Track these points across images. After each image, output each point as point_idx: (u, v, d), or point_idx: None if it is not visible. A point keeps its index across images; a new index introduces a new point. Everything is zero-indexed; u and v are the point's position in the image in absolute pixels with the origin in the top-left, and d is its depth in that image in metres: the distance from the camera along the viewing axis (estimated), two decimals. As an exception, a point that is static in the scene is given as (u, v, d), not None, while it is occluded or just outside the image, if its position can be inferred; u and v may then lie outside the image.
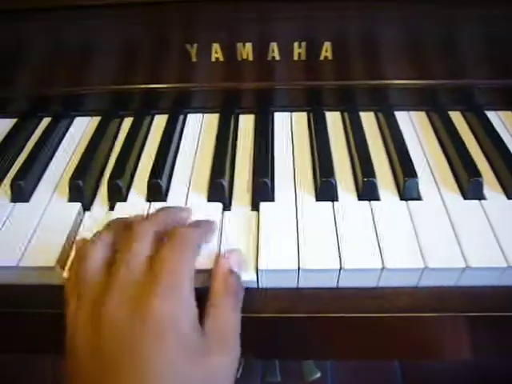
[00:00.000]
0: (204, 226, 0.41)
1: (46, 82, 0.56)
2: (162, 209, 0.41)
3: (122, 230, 0.38)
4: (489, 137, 0.51)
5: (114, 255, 0.35)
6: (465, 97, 0.56)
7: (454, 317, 0.40)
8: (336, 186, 0.46)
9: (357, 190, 0.46)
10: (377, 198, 0.45)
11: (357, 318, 0.40)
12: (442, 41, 0.52)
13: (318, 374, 1.09)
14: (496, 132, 0.52)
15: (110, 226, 0.39)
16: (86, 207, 0.47)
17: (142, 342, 0.31)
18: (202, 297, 0.35)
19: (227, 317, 0.36)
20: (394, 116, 0.55)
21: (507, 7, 0.50)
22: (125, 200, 0.47)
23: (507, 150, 0.49)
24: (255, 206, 0.45)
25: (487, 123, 0.54)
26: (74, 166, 0.50)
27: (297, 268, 0.39)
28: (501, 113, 0.57)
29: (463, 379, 1.09)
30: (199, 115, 0.58)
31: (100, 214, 0.46)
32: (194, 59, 0.53)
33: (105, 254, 0.36)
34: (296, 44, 0.51)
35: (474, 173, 0.46)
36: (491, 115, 0.56)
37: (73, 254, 0.41)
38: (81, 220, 0.45)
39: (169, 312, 0.32)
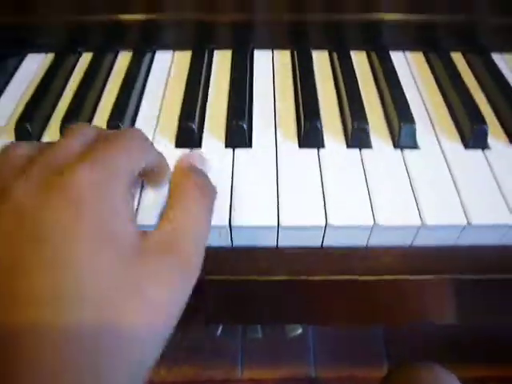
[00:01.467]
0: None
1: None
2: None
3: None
4: (493, 80, 0.46)
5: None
6: (467, 36, 0.50)
7: (452, 279, 0.36)
8: (322, 132, 0.40)
9: (345, 136, 0.41)
10: (368, 146, 0.40)
11: (343, 281, 0.36)
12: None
13: (300, 330, 1.08)
14: (502, 75, 0.47)
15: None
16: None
17: (54, 224, 0.23)
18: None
19: (186, 215, 0.28)
20: (388, 56, 0.49)
21: None
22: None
23: (513, 94, 0.44)
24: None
25: (492, 66, 0.48)
26: (21, 108, 0.43)
27: (276, 225, 0.34)
28: (507, 55, 0.51)
29: (447, 344, 1.08)
30: (169, 53, 0.51)
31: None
32: (161, -16, 0.45)
33: (29, 152, 0.27)
34: (279, -33, 0.44)
35: (478, 119, 0.41)
36: (496, 58, 0.50)
37: None
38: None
39: (93, 188, 0.24)
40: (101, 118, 0.43)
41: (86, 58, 0.50)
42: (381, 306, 0.40)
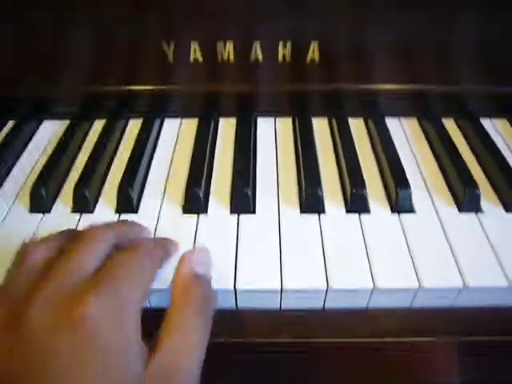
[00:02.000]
0: (166, 245, 0.36)
1: (13, 83, 0.52)
2: (123, 221, 0.37)
3: (74, 236, 0.32)
4: (484, 146, 0.48)
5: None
6: (458, 103, 0.53)
7: (449, 341, 0.37)
8: (323, 198, 0.42)
9: (345, 201, 0.43)
10: (367, 211, 0.42)
11: (344, 343, 0.37)
12: (433, 45, 0.49)
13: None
14: (492, 140, 0.49)
15: (61, 232, 0.34)
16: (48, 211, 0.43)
17: (62, 355, 0.24)
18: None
19: (184, 351, 0.29)
20: (384, 123, 0.51)
21: (502, 12, 0.48)
22: (92, 211, 0.42)
23: (504, 159, 0.46)
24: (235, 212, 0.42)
25: (482, 131, 0.51)
26: (38, 172, 0.45)
27: (279, 288, 0.35)
28: (495, 121, 0.54)
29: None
30: (177, 120, 0.54)
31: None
32: (170, 60, 0.49)
33: (47, 254, 0.29)
34: (281, 44, 0.47)
35: (471, 184, 0.43)
36: (485, 123, 0.53)
37: None
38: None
39: (106, 323, 0.25)
40: (112, 183, 0.45)
41: (99, 124, 0.53)
42: (380, 368, 0.41)
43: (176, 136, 0.52)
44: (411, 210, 0.42)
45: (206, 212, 0.42)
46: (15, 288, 0.28)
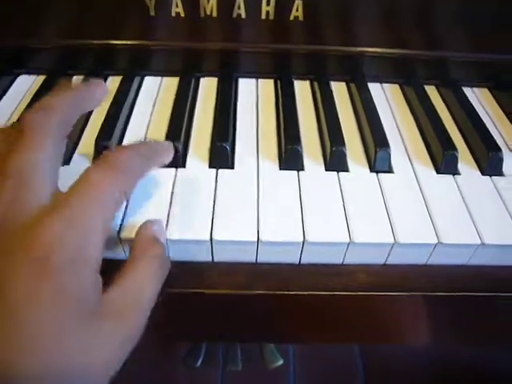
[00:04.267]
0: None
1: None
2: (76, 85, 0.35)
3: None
4: (464, 111, 0.49)
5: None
6: (440, 70, 0.53)
7: (421, 296, 0.37)
8: (302, 155, 0.42)
9: (324, 159, 0.43)
10: (345, 170, 0.42)
11: (319, 297, 0.37)
12: (419, 8, 0.49)
13: (281, 361, 1.07)
14: (472, 106, 0.49)
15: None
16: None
17: (16, 281, 0.23)
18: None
19: (144, 286, 0.29)
20: (366, 87, 0.51)
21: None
22: (68, 163, 0.41)
23: (483, 125, 0.47)
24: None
25: (463, 98, 0.51)
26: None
27: (256, 240, 0.35)
28: (476, 89, 0.54)
29: (424, 368, 1.09)
30: (157, 78, 0.53)
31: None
32: (152, 13, 0.47)
33: None
34: (264, 0, 0.46)
35: (449, 146, 0.43)
36: (467, 91, 0.53)
37: None
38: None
39: (62, 248, 0.24)
40: (89, 137, 0.44)
41: (76, 81, 0.52)
42: (356, 324, 0.41)
43: (156, 93, 0.51)
44: (390, 170, 0.42)
45: (185, 166, 0.41)
46: None
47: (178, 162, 0.41)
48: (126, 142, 0.44)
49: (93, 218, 0.26)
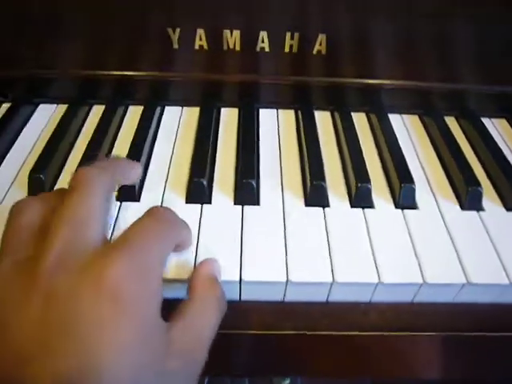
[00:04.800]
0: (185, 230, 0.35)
1: (9, 63, 0.50)
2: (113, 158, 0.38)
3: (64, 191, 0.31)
4: (486, 145, 0.49)
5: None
6: (459, 102, 0.54)
7: (453, 336, 0.37)
8: (327, 191, 0.42)
9: (349, 196, 0.43)
10: (371, 206, 0.42)
11: (346, 336, 0.37)
12: (437, 42, 0.49)
13: (288, 381, 1.06)
14: (493, 140, 0.50)
15: (51, 192, 0.33)
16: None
17: (88, 317, 0.23)
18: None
19: (204, 322, 0.29)
20: (387, 118, 0.51)
21: (503, 9, 0.48)
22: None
23: (505, 159, 0.47)
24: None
25: (483, 130, 0.51)
26: (35, 157, 0.44)
27: (285, 280, 0.35)
28: (495, 120, 0.55)
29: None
30: (178, 108, 0.53)
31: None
32: (175, 46, 0.48)
33: (42, 212, 0.28)
34: (288, 34, 0.47)
35: (473, 182, 0.43)
36: (486, 122, 0.53)
37: None
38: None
39: (130, 284, 0.25)
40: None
41: (98, 110, 0.52)
42: (371, 360, 0.41)
43: (177, 124, 0.51)
44: (414, 205, 0.42)
45: (210, 202, 0.41)
46: (15, 242, 0.27)
47: (204, 198, 0.41)
48: (148, 176, 0.44)
49: (156, 256, 0.28)
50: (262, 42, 0.47)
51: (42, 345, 0.23)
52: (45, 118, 0.52)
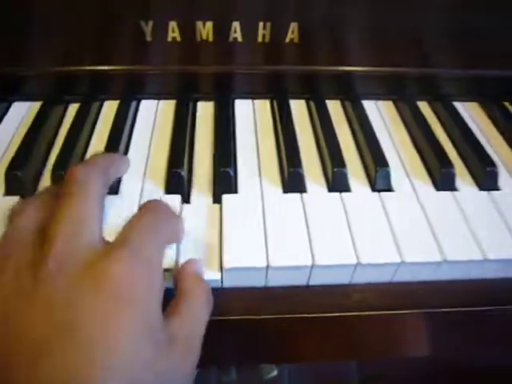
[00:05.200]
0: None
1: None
2: (103, 154, 0.38)
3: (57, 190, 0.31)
4: (458, 127, 0.50)
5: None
6: (431, 86, 0.55)
7: (428, 313, 0.38)
8: (304, 177, 0.43)
9: (326, 181, 0.43)
10: (347, 190, 0.43)
11: (327, 318, 0.38)
12: (409, 28, 0.50)
13: (275, 372, 1.06)
14: (465, 122, 0.51)
15: (41, 191, 0.33)
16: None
17: (91, 316, 0.23)
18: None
19: (198, 316, 0.30)
20: (361, 105, 0.52)
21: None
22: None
23: (477, 141, 0.48)
24: (217, 199, 0.41)
25: (455, 114, 0.52)
26: (11, 156, 0.44)
27: (265, 265, 0.36)
28: (466, 104, 0.56)
29: (416, 368, 1.10)
30: (153, 101, 0.53)
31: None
32: (148, 38, 0.48)
33: (37, 214, 0.28)
34: (261, 24, 0.47)
35: (446, 163, 0.44)
36: (457, 106, 0.54)
37: None
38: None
39: (132, 281, 0.25)
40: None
41: (72, 107, 0.52)
42: (359, 341, 0.42)
43: (153, 117, 0.51)
44: (390, 188, 0.43)
45: (189, 193, 0.41)
46: (14, 246, 0.27)
47: (183, 188, 0.41)
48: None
49: (155, 251, 0.28)
50: (235, 32, 0.47)
51: (47, 347, 0.23)
52: (19, 115, 0.51)
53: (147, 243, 0.28)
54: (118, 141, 0.46)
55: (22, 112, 0.52)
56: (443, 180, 0.43)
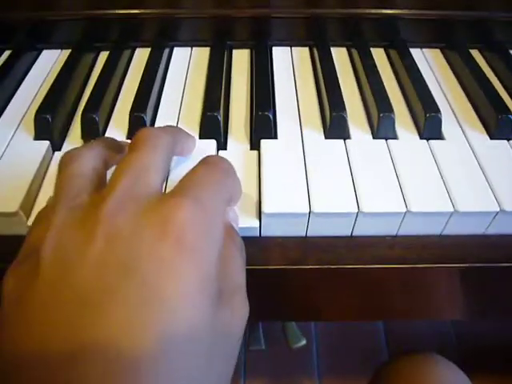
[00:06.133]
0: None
1: (6, 5, 0.48)
2: (174, 128, 0.35)
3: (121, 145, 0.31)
4: (512, 74, 0.46)
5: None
6: (483, 32, 0.50)
7: (484, 268, 0.35)
8: (347, 122, 0.40)
9: (371, 127, 0.41)
10: (394, 137, 0.40)
11: (372, 270, 0.35)
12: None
13: (304, 341, 1.06)
14: (521, 69, 0.47)
15: (100, 140, 0.31)
16: (56, 147, 0.40)
17: (151, 258, 0.22)
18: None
19: (238, 272, 0.28)
20: (408, 51, 0.49)
21: None
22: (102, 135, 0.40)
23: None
24: (255, 145, 0.39)
25: (509, 60, 0.48)
26: (41, 100, 0.42)
27: (307, 212, 0.33)
28: (522, 51, 0.52)
29: (445, 345, 1.08)
30: (187, 49, 0.51)
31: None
32: (181, -21, 0.45)
33: (94, 162, 0.27)
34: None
35: (503, 109, 0.41)
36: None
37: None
38: (50, 161, 0.38)
39: (195, 229, 0.23)
40: (122, 110, 0.42)
41: (103, 54, 0.50)
42: (389, 298, 0.39)
43: (187, 66, 0.48)
44: (440, 136, 0.40)
45: (226, 138, 0.39)
46: (70, 191, 0.25)
47: (219, 132, 0.39)
48: (160, 113, 0.42)
49: (218, 205, 0.26)
50: (273, -29, 0.44)
51: (104, 289, 0.21)
52: (49, 63, 0.49)
53: (211, 196, 0.26)
54: (149, 88, 0.43)
55: (52, 59, 0.50)
56: (499, 127, 0.40)
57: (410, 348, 1.10)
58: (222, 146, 0.39)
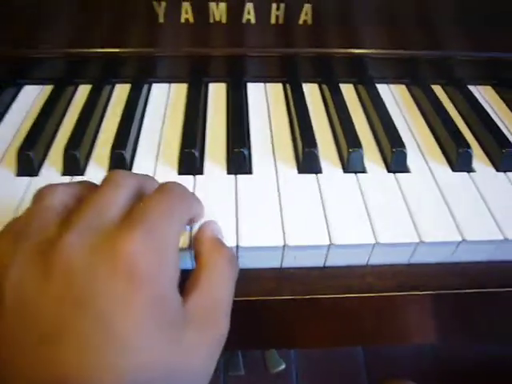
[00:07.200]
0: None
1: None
2: (143, 175, 0.36)
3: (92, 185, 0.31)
4: (473, 110, 0.49)
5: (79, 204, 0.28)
6: (445, 69, 0.54)
7: (451, 294, 0.37)
8: (319, 157, 0.42)
9: (341, 162, 0.43)
10: (363, 171, 0.42)
11: (345, 299, 0.37)
12: (419, 10, 0.49)
13: (283, 365, 1.06)
14: (480, 105, 0.50)
15: (78, 182, 0.32)
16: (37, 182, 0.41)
17: (104, 293, 0.23)
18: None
19: (220, 287, 0.29)
20: (375, 87, 0.52)
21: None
22: (82, 174, 0.41)
23: (492, 121, 0.47)
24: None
25: (470, 96, 0.52)
26: (23, 137, 0.43)
27: (282, 245, 0.35)
28: (480, 87, 0.55)
29: (424, 368, 1.10)
30: (165, 85, 0.52)
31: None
32: (161, 20, 0.47)
33: (66, 199, 0.28)
34: (274, 6, 0.46)
35: (463, 144, 0.44)
36: (472, 89, 0.54)
37: None
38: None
39: (145, 260, 0.24)
40: (102, 147, 0.44)
41: (84, 89, 0.51)
42: (363, 325, 0.41)
43: (166, 100, 0.50)
44: (406, 169, 0.43)
45: (202, 173, 0.41)
46: (37, 223, 0.26)
47: (196, 169, 0.41)
48: (139, 150, 0.44)
49: (170, 231, 0.27)
50: (248, 13, 0.47)
51: (61, 323, 0.23)
52: (30, 99, 0.51)
53: (161, 222, 0.27)
54: (130, 122, 0.45)
55: (33, 95, 0.51)
56: (460, 161, 0.43)
57: (389, 372, 1.12)
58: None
